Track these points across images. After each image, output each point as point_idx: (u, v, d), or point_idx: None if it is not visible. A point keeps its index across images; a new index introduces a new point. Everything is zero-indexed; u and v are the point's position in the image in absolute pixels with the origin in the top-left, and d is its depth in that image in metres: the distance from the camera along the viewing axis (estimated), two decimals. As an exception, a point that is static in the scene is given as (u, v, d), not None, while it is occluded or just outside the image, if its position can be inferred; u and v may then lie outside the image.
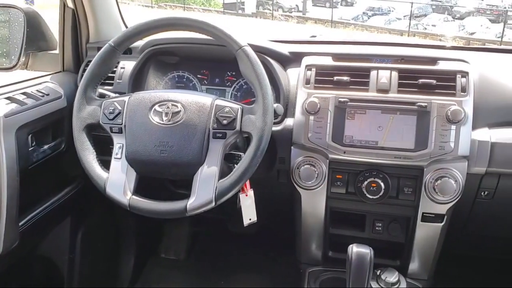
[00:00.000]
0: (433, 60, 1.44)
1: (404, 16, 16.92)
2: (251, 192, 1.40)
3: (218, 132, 1.18)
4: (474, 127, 1.33)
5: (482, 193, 1.39)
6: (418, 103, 1.33)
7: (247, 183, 1.38)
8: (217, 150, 1.18)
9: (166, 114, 1.21)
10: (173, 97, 1.23)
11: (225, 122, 1.18)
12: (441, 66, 1.42)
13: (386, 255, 1.56)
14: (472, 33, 15.57)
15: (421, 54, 1.49)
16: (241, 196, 1.40)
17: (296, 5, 20.64)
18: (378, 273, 1.41)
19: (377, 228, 1.53)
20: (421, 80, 1.37)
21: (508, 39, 13.81)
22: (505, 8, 18.30)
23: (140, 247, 2.17)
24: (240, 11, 18.60)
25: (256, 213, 1.41)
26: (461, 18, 18.76)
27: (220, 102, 1.22)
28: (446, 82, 1.36)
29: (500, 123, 1.36)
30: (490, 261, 2.00)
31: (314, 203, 1.48)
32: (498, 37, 14.03)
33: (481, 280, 1.99)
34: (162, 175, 1.26)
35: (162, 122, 1.20)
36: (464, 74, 1.37)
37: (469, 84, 1.35)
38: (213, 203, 1.16)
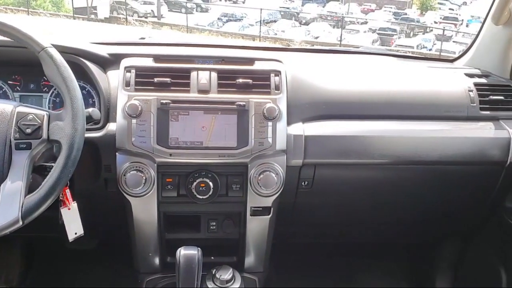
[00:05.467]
0: (251, 61, 1.49)
1: (256, 22, 17.71)
2: (74, 205, 1.31)
3: (22, 143, 1.08)
4: (289, 123, 1.42)
5: (303, 183, 1.49)
6: (237, 102, 1.36)
7: (68, 195, 1.29)
8: (21, 162, 1.08)
9: None
10: None
11: (28, 130, 1.09)
12: (257, 66, 1.48)
13: (223, 253, 1.58)
14: (316, 37, 17.03)
15: (239, 55, 1.54)
16: (63, 210, 1.30)
17: (152, 11, 20.31)
18: (213, 272, 1.41)
19: (211, 227, 1.54)
20: (239, 80, 1.41)
21: (347, 42, 15.45)
22: (342, 14, 20.41)
23: None
24: (92, 16, 17.62)
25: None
26: (307, 23, 20.42)
27: (22, 109, 1.12)
28: (262, 81, 1.42)
29: (311, 117, 1.47)
30: (322, 246, 2.16)
31: (145, 209, 1.43)
32: (339, 40, 15.57)
33: (316, 265, 2.13)
34: None
35: None
36: (277, 73, 1.45)
37: (282, 82, 1.43)
38: (20, 223, 1.04)
